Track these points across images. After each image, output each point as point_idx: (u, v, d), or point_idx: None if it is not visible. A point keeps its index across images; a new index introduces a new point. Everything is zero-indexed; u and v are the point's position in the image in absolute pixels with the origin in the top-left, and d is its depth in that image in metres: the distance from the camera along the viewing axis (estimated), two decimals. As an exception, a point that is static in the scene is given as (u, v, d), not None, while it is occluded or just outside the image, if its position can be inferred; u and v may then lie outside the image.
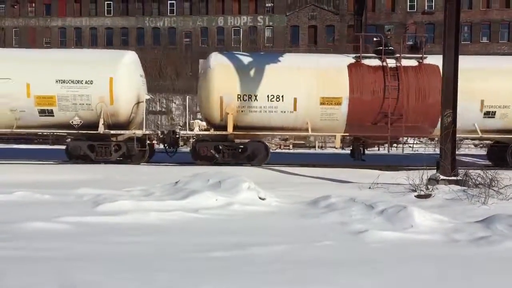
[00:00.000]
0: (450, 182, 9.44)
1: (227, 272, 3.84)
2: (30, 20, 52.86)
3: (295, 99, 14.41)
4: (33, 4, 54.53)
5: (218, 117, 14.54)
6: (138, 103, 15.01)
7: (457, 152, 10.36)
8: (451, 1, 10.15)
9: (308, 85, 14.39)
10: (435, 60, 14.11)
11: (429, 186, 9.07)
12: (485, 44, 48.81)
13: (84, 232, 5.25)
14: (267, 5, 52.39)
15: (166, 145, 15.67)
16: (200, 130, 15.05)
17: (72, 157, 14.88)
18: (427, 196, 8.47)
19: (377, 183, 9.61)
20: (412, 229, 5.54)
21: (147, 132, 15.31)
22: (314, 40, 51.63)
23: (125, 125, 14.93)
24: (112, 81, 14.20)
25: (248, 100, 14.41)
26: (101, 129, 14.15)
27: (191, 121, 14.87)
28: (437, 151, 11.86)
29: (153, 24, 53.63)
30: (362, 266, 4.09)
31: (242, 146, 14.93)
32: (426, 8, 49.98)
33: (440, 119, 10.54)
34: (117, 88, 14.24)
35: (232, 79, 14.34)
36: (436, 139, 16.90)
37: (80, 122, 14.36)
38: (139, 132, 14.99)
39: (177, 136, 15.68)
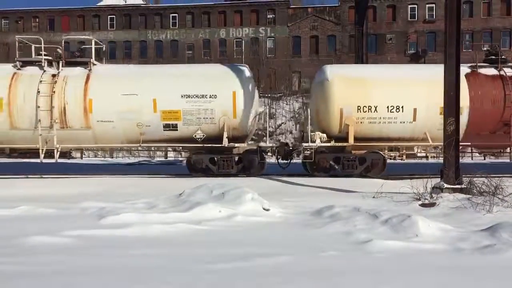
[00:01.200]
0: (454, 190, 9.40)
1: (232, 284, 3.82)
2: (34, 35, 53.26)
3: (414, 110, 14.60)
4: (37, 19, 55.21)
5: (337, 129, 14.69)
6: (255, 115, 15.20)
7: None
8: (451, 10, 10.20)
9: (427, 96, 14.44)
10: None
11: (433, 195, 9.03)
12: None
13: (88, 245, 5.24)
14: (268, 16, 52.78)
15: (279, 156, 15.69)
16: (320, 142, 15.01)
17: (195, 170, 14.95)
18: (431, 204, 8.43)
19: (381, 192, 9.57)
20: (417, 238, 5.51)
21: (271, 144, 15.47)
22: (315, 50, 51.91)
23: (244, 138, 15.06)
24: (235, 95, 14.37)
25: (368, 111, 14.55)
26: (225, 142, 14.24)
27: (312, 133, 14.82)
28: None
29: (156, 37, 54.06)
30: (367, 276, 4.06)
31: (360, 158, 15.02)
32: (427, 17, 50.24)
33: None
34: (239, 101, 14.41)
35: (351, 90, 14.52)
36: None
37: (203, 135, 14.48)
38: (265, 145, 15.14)
39: (291, 148, 15.86)
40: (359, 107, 14.51)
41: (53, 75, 14.32)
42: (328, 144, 14.82)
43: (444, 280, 3.98)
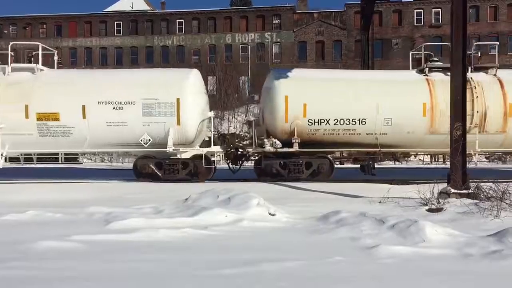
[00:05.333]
0: (461, 195, 9.36)
1: (237, 289, 3.83)
2: (41, 41, 53.64)
3: None
4: (44, 26, 55.68)
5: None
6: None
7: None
8: (457, 16, 10.19)
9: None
10: None
11: (440, 200, 9.00)
12: (493, 56, 48.67)
13: (96, 250, 5.27)
14: (274, 21, 52.93)
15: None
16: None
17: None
18: (438, 210, 8.39)
19: (388, 197, 9.53)
20: (424, 243, 5.50)
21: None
22: (321, 55, 51.93)
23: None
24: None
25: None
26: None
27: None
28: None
29: (162, 43, 54.34)
30: (374, 281, 4.06)
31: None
32: (433, 21, 50.16)
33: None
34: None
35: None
36: None
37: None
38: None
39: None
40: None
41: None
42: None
43: (451, 285, 3.97)
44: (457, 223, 7.03)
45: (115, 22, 55.17)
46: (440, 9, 49.37)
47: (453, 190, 9.54)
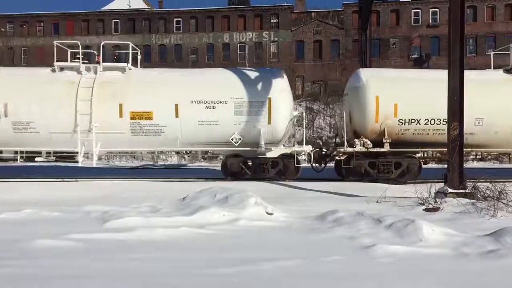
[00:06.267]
0: (458, 195, 9.38)
1: (235, 288, 3.83)
2: (39, 39, 53.68)
3: None
4: (41, 24, 55.54)
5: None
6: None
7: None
8: (455, 17, 10.21)
9: None
10: None
11: (437, 199, 9.01)
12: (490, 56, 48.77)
13: (93, 249, 5.26)
14: (272, 21, 52.94)
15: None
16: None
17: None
18: (435, 209, 8.41)
19: (385, 197, 9.56)
20: (421, 243, 5.50)
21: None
22: (319, 54, 51.97)
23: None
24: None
25: None
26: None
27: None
28: None
29: (160, 42, 54.28)
30: (371, 281, 4.06)
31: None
32: (430, 21, 50.24)
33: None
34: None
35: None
36: None
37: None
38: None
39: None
40: None
41: None
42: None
43: (447, 285, 3.97)
44: (454, 223, 7.05)
45: (113, 21, 55.09)
46: (437, 9, 49.46)
47: (450, 190, 9.56)
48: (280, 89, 14.59)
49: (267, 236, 6.23)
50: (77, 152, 14.13)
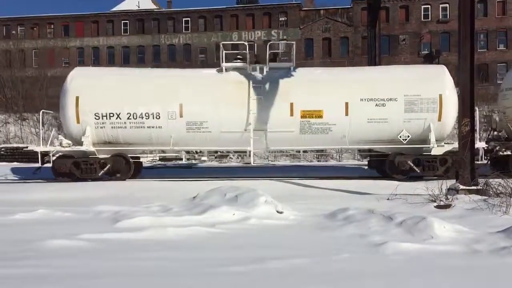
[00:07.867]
0: (470, 191, 9.31)
1: (248, 286, 3.85)
2: (49, 41, 54.16)
3: None
4: (52, 26, 56.03)
5: None
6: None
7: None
8: (465, 11, 10.12)
9: None
10: None
11: (448, 196, 8.96)
12: (502, 51, 48.32)
13: (105, 249, 5.31)
14: (280, 19, 52.86)
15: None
16: None
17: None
18: (447, 206, 8.36)
19: (396, 194, 9.49)
20: (432, 240, 5.47)
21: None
22: (328, 52, 51.81)
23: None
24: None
25: None
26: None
27: None
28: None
29: (169, 42, 54.47)
30: (382, 278, 4.05)
31: None
32: (440, 17, 49.81)
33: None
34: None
35: None
36: None
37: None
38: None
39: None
40: None
41: None
42: None
43: (459, 282, 3.96)
44: (465, 220, 7.00)
45: (122, 22, 55.40)
46: (448, 4, 49.01)
47: (461, 187, 9.49)
48: (450, 86, 14.47)
49: (277, 234, 6.24)
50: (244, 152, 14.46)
